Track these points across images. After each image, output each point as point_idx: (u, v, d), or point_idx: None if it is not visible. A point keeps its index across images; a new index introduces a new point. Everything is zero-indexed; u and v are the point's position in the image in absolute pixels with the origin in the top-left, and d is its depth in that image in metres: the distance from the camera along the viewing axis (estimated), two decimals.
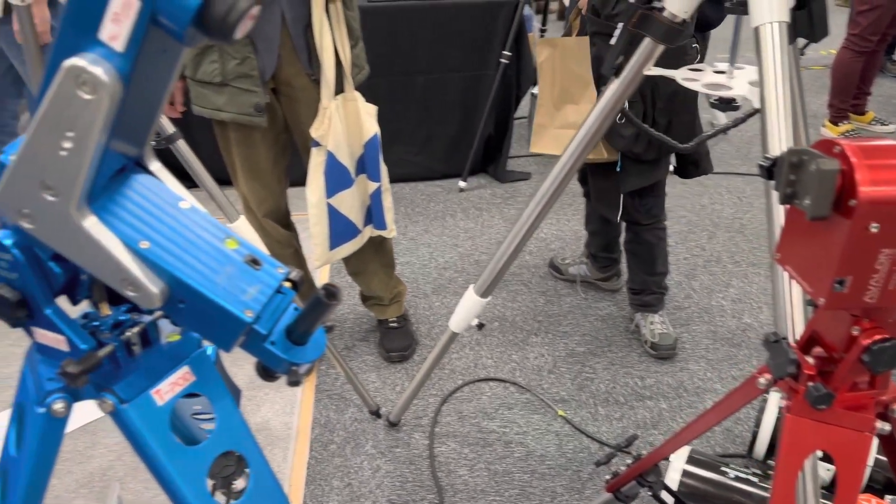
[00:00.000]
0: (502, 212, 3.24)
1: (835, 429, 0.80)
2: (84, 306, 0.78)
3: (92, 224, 0.61)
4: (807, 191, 0.67)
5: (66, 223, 0.61)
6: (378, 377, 2.22)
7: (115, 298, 0.76)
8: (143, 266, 0.64)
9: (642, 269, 2.27)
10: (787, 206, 0.71)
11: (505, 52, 3.17)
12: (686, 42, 1.90)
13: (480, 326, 1.71)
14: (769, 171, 0.72)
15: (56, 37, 0.52)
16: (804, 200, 0.67)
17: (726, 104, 1.30)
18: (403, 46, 3.17)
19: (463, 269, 2.78)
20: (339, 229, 2.00)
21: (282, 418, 2.05)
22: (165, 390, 0.73)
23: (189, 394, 0.77)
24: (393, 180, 2.15)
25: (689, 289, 2.63)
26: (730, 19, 1.28)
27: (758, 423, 1.81)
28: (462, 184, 3.46)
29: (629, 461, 1.28)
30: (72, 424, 1.82)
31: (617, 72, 1.31)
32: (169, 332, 0.78)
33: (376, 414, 2.04)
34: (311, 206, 1.93)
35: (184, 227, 0.68)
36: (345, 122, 1.89)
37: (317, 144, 1.87)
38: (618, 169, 2.08)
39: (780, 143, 1.03)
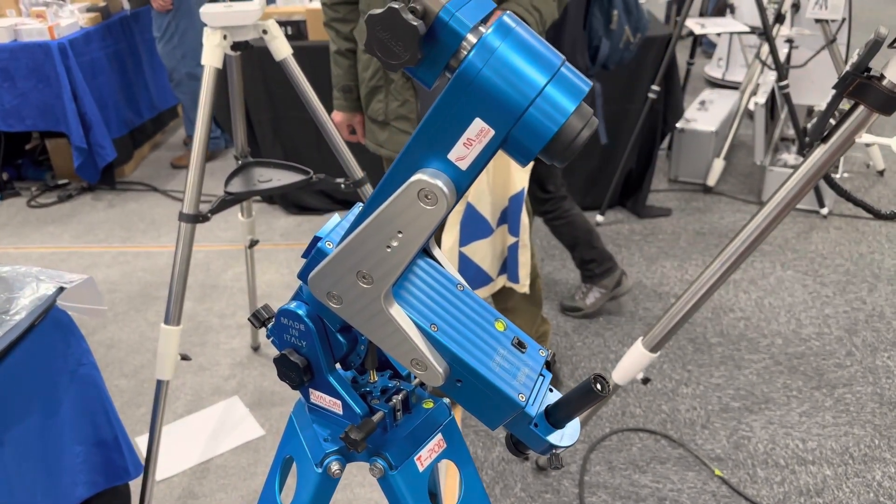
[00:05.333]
0: (642, 249, 3.18)
1: None
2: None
3: (396, 311, 0.66)
4: None
5: (373, 308, 0.66)
6: None
7: (380, 365, 0.82)
8: (431, 347, 0.68)
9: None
10: None
11: (654, 87, 3.13)
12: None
13: (646, 381, 1.69)
14: None
15: (405, 149, 0.58)
16: None
17: None
18: None
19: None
20: (469, 276, 2.01)
21: None
22: (425, 457, 0.78)
23: None
24: None
25: (851, 345, 2.48)
26: None
27: None
28: (599, 217, 3.43)
29: None
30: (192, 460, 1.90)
31: (825, 138, 1.27)
32: (423, 399, 0.83)
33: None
34: (444, 251, 1.98)
35: (461, 310, 0.72)
36: (491, 174, 1.91)
37: None
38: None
39: None
